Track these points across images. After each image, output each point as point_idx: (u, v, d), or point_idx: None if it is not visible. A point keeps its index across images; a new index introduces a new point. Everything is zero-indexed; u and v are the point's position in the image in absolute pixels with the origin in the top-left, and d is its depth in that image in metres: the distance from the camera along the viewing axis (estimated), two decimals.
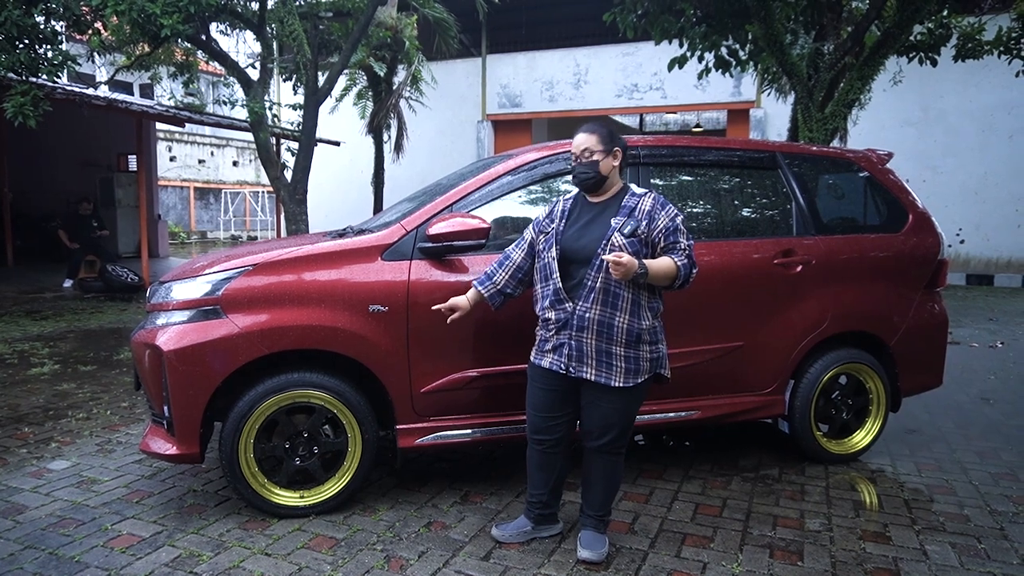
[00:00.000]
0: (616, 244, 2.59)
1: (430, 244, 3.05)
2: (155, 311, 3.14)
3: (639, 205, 2.68)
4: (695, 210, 3.66)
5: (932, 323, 3.98)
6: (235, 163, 26.04)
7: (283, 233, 14.82)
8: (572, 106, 15.28)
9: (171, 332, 2.94)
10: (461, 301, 2.90)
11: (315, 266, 3.03)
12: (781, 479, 3.60)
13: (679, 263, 2.62)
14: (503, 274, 2.85)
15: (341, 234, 3.44)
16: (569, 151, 3.45)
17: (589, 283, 2.62)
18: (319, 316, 2.98)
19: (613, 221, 2.66)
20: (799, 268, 3.62)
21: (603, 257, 2.53)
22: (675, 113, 19.59)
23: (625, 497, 3.33)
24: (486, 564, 2.69)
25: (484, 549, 2.80)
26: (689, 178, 3.69)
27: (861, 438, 3.84)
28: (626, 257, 2.46)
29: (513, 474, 3.56)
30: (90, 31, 8.32)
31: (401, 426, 3.13)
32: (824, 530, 3.02)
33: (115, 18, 7.55)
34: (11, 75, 7.61)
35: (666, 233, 2.64)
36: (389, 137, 14.17)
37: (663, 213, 2.66)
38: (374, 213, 14.09)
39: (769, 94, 11.23)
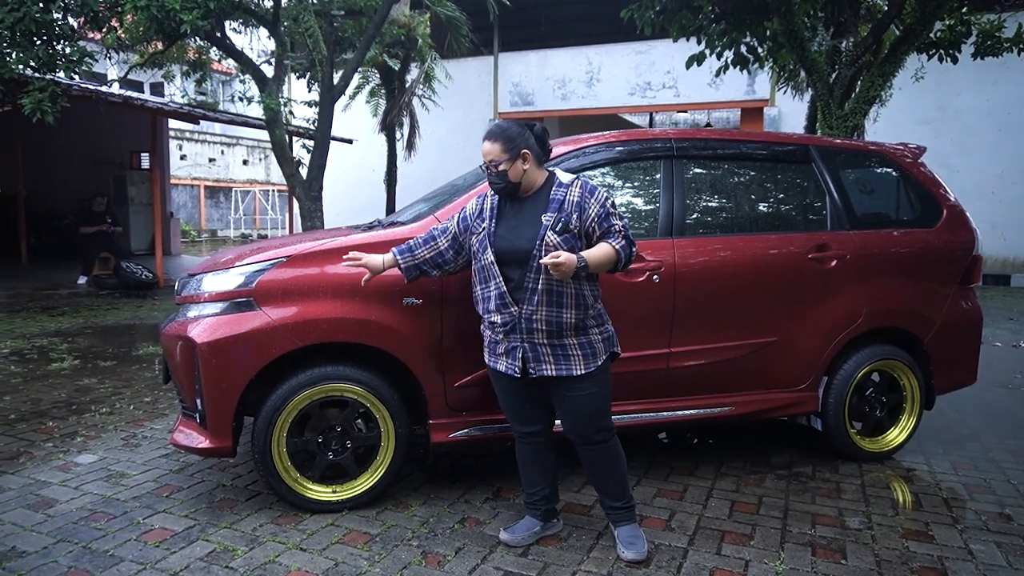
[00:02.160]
0: (551, 243, 2.51)
1: None
2: (186, 303, 3.11)
3: (567, 197, 2.58)
4: (729, 204, 3.62)
5: (966, 320, 3.92)
6: (245, 162, 26.09)
7: (296, 230, 14.82)
8: (584, 104, 15.24)
9: (204, 324, 2.91)
10: (375, 260, 2.79)
11: None
12: (815, 477, 3.54)
13: (617, 247, 2.54)
14: (425, 252, 2.77)
15: (370, 227, 3.40)
16: (596, 145, 3.44)
17: (531, 285, 2.55)
18: (353, 309, 2.94)
19: (544, 218, 2.56)
20: (833, 263, 3.57)
21: (541, 261, 2.44)
22: (685, 112, 19.52)
23: (659, 494, 3.29)
24: (524, 560, 2.65)
25: (521, 545, 2.76)
26: (723, 172, 3.64)
27: (895, 436, 3.79)
28: (563, 256, 2.39)
29: None
30: (106, 28, 8.32)
31: (434, 421, 3.09)
32: (865, 528, 2.97)
33: (132, 15, 7.54)
34: (29, 72, 7.62)
35: (599, 220, 2.56)
36: (401, 135, 14.15)
37: (592, 200, 2.57)
38: (386, 211, 14.08)
39: (785, 92, 11.16)
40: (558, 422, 2.78)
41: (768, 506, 3.19)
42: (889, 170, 3.97)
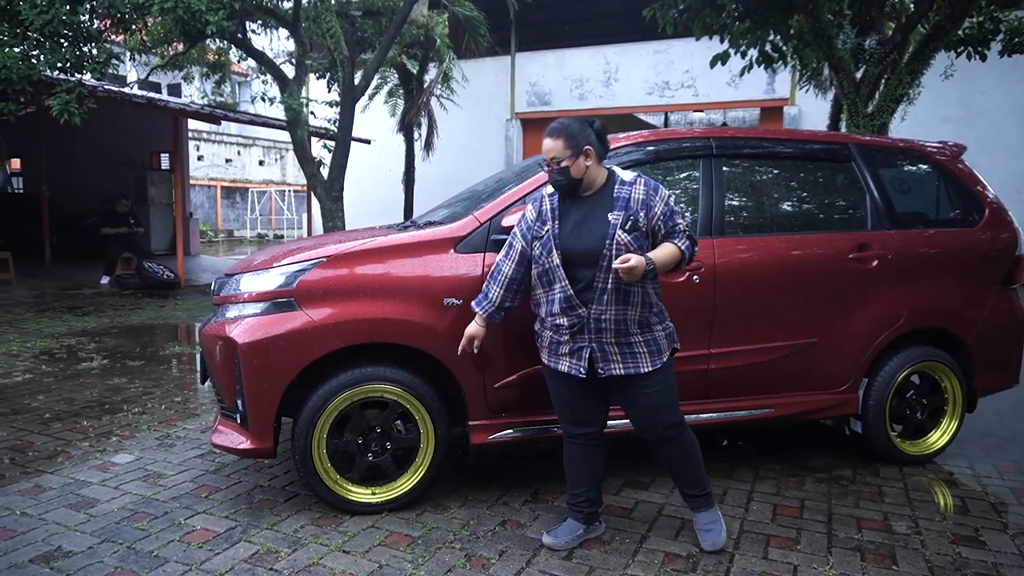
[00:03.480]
0: (622, 242, 2.50)
1: (505, 236, 2.98)
2: (225, 304, 3.10)
3: (632, 195, 2.57)
4: (769, 203, 3.57)
5: (1009, 320, 3.85)
6: (261, 162, 26.23)
7: (315, 231, 14.88)
8: (602, 104, 15.17)
9: (245, 324, 2.90)
10: (478, 330, 2.79)
11: (389, 258, 2.98)
12: (856, 480, 3.49)
13: (682, 246, 2.58)
14: (498, 290, 2.73)
15: (404, 228, 3.39)
16: (633, 144, 3.40)
17: (600, 285, 2.53)
18: (394, 309, 2.93)
19: (611, 217, 2.54)
20: (875, 263, 3.51)
21: (615, 266, 2.44)
22: (701, 111, 19.40)
23: None
24: (569, 564, 2.63)
25: (565, 549, 2.73)
26: (762, 171, 3.60)
27: (937, 438, 3.72)
28: (634, 259, 2.41)
29: None
30: (131, 30, 8.37)
31: (474, 422, 3.07)
32: (912, 533, 2.92)
33: (158, 16, 7.58)
34: (56, 74, 7.68)
35: (664, 219, 2.58)
36: (419, 135, 14.16)
37: (658, 198, 2.58)
38: (404, 211, 14.10)
39: (807, 91, 11.05)
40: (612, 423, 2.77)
41: (811, 510, 3.14)
42: (929, 168, 3.91)
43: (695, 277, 3.21)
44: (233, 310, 3.03)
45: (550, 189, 2.73)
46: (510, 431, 3.10)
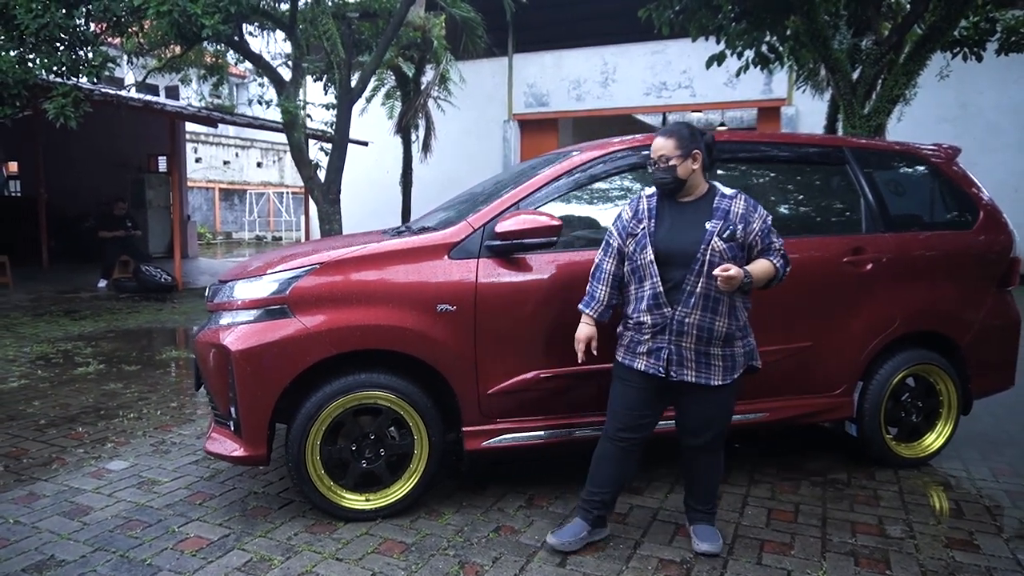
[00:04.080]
0: (717, 249, 2.56)
1: (499, 242, 2.99)
2: (219, 310, 3.10)
3: (732, 208, 2.64)
4: (763, 206, 3.56)
5: (1004, 323, 3.85)
6: (259, 164, 26.23)
7: (313, 234, 14.87)
8: (600, 105, 15.18)
9: (238, 332, 2.90)
10: (591, 331, 2.78)
11: (382, 264, 2.98)
12: (851, 484, 3.49)
13: (776, 264, 2.67)
14: (603, 288, 2.76)
15: (399, 233, 3.38)
16: (631, 148, 3.40)
17: (689, 288, 2.58)
18: (387, 315, 2.92)
19: (708, 225, 2.61)
20: (869, 266, 3.51)
21: (715, 273, 2.49)
22: (699, 112, 19.40)
23: None
24: (563, 571, 2.62)
25: (559, 555, 2.73)
26: (755, 174, 3.59)
27: (932, 441, 3.72)
28: (734, 270, 2.48)
29: (576, 477, 3.47)
30: (127, 33, 8.36)
31: (468, 428, 3.07)
32: (907, 537, 2.91)
33: (154, 20, 7.58)
34: (52, 77, 7.67)
35: (762, 235, 2.67)
36: (417, 137, 14.16)
37: (756, 216, 2.67)
38: (402, 213, 14.10)
39: (804, 91, 11.05)
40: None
41: (806, 514, 3.14)
42: (924, 171, 3.91)
43: None
44: (227, 317, 3.03)
45: (649, 190, 2.80)
46: (504, 437, 3.09)
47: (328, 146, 10.70)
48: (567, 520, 2.91)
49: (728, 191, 2.72)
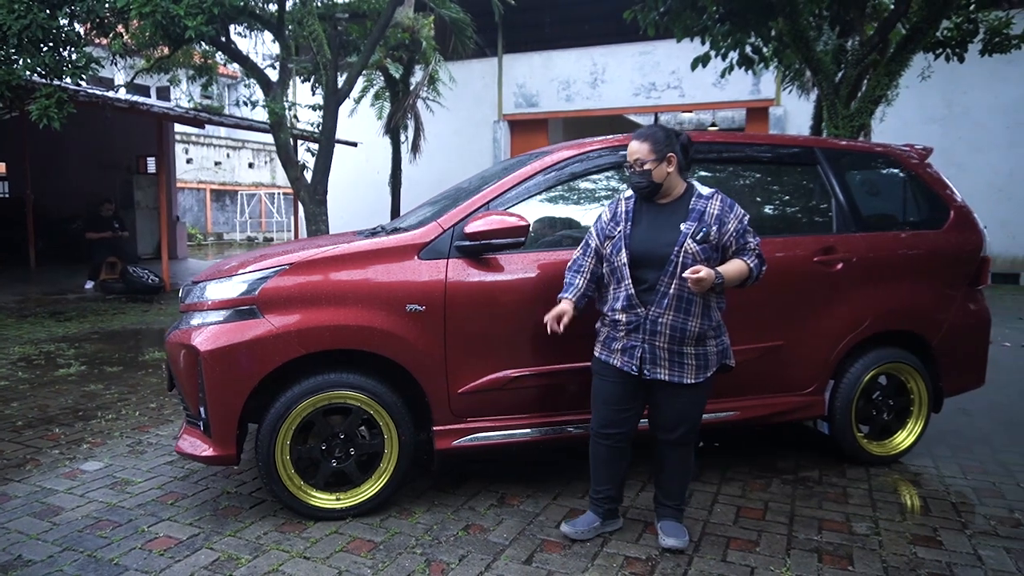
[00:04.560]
0: (690, 251, 2.59)
1: (468, 242, 3.01)
2: (190, 311, 3.11)
3: (708, 209, 2.67)
4: None
5: (974, 322, 3.88)
6: (251, 165, 26.18)
7: (302, 234, 14.86)
8: (589, 105, 15.21)
9: (207, 332, 2.91)
10: (569, 307, 2.76)
11: (351, 265, 3.00)
12: (822, 481, 3.52)
13: (751, 264, 2.69)
14: (581, 279, 2.80)
15: (373, 233, 3.40)
16: (607, 148, 3.42)
17: (663, 288, 2.62)
18: (356, 316, 2.94)
19: (683, 227, 2.64)
20: (839, 266, 3.54)
21: (684, 275, 2.53)
22: (690, 112, 19.46)
23: None
24: (528, 568, 2.64)
25: (525, 552, 2.75)
26: (726, 174, 3.62)
27: (903, 439, 3.76)
28: (704, 271, 2.50)
29: (550, 476, 3.51)
30: (112, 34, 8.35)
31: (438, 427, 3.08)
32: (872, 534, 2.94)
33: (138, 21, 7.57)
34: (36, 78, 7.66)
35: (736, 236, 2.69)
36: (406, 138, 14.17)
37: (732, 216, 2.68)
38: (391, 213, 14.10)
39: (790, 92, 11.11)
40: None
41: (774, 511, 3.17)
42: (895, 171, 3.94)
43: None
44: (197, 318, 3.04)
45: (628, 192, 2.84)
46: (474, 436, 3.11)
47: (315, 147, 10.69)
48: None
49: (705, 191, 2.74)
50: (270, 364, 2.87)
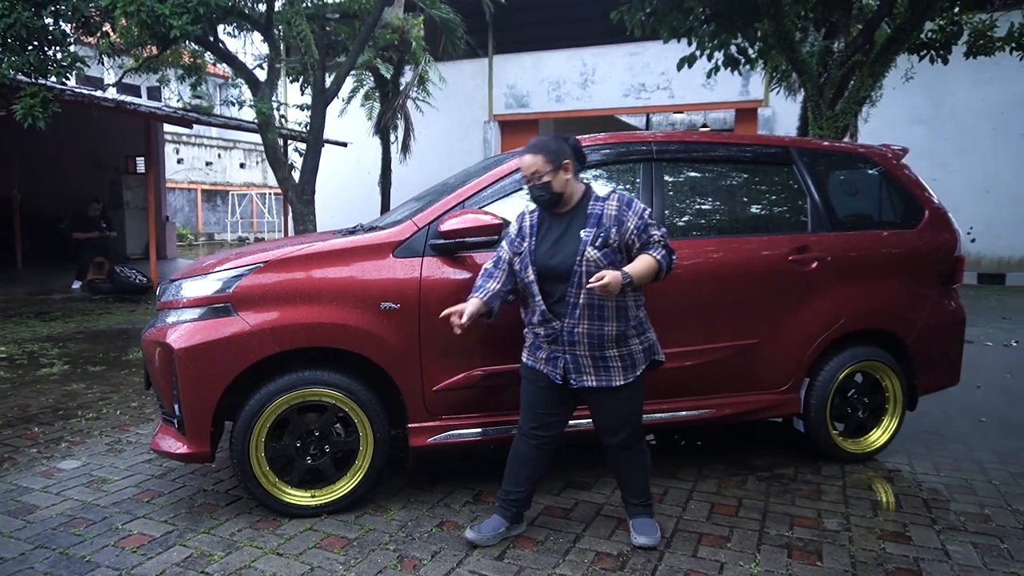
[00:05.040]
0: (591, 259, 2.57)
1: (442, 241, 3.03)
2: (165, 309, 3.12)
3: (605, 211, 2.64)
4: (710, 206, 3.63)
5: (949, 320, 3.92)
6: (242, 165, 26.11)
7: (291, 234, 14.83)
8: (579, 106, 15.24)
9: (182, 330, 2.92)
10: (479, 305, 2.72)
11: (326, 263, 3.01)
12: (797, 478, 3.55)
13: (658, 257, 2.64)
14: (494, 283, 2.77)
15: (351, 232, 3.41)
16: (589, 145, 3.44)
17: (572, 300, 2.62)
18: (330, 314, 2.95)
19: (583, 234, 2.62)
20: (814, 264, 3.57)
21: (589, 284, 2.52)
22: (682, 113, 19.52)
23: None
24: (500, 564, 2.66)
25: (498, 549, 2.76)
26: (702, 174, 3.65)
27: (878, 437, 3.79)
28: (608, 276, 2.48)
29: None
30: (99, 33, 8.33)
31: (413, 425, 3.10)
32: (842, 530, 2.97)
33: (124, 20, 7.56)
34: (20, 77, 7.63)
35: (638, 232, 2.64)
36: (396, 138, 14.16)
37: (631, 213, 2.64)
38: (381, 213, 14.09)
39: (778, 92, 11.17)
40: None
41: (748, 508, 3.19)
42: (871, 171, 3.97)
43: None
44: (172, 315, 3.04)
45: (531, 206, 2.81)
46: (449, 433, 3.13)
47: (303, 147, 10.69)
48: (485, 516, 2.94)
49: (602, 193, 2.71)
50: (244, 362, 2.88)
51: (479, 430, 3.14)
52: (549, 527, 2.96)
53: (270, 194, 25.21)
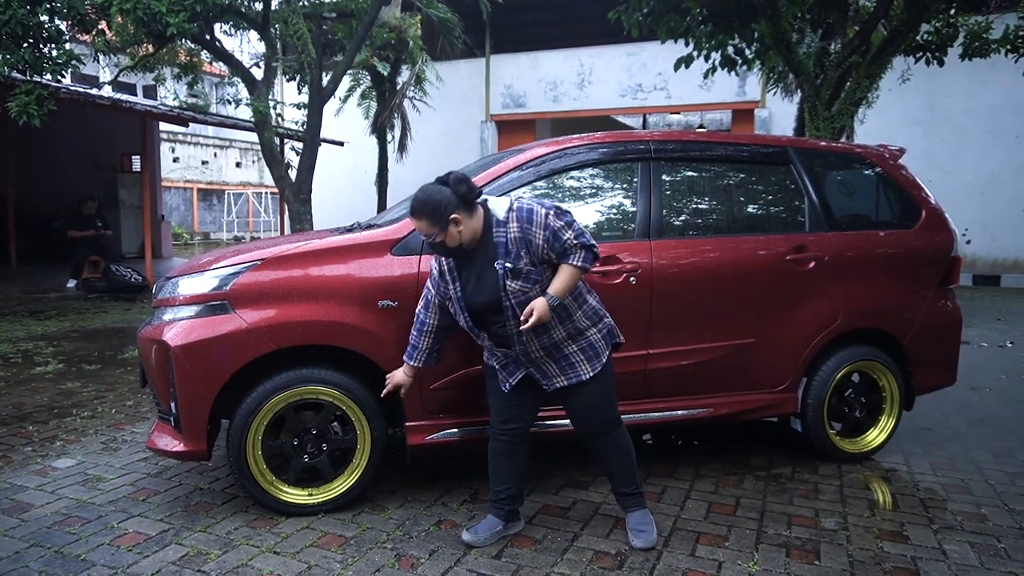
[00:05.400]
0: (513, 291, 2.55)
1: None
2: (162, 307, 3.10)
3: (508, 236, 2.55)
4: (707, 206, 3.62)
5: (946, 320, 3.92)
6: (238, 164, 26.05)
7: (287, 233, 14.80)
8: (576, 106, 15.25)
9: (178, 327, 2.91)
10: (404, 380, 2.87)
11: (324, 261, 3.00)
12: (794, 478, 3.55)
13: (578, 264, 2.56)
14: (424, 339, 2.80)
15: (349, 230, 3.39)
16: (578, 146, 3.44)
17: (513, 329, 2.62)
18: (328, 311, 2.94)
19: (497, 266, 2.56)
20: (811, 264, 3.57)
21: (521, 328, 2.54)
22: (678, 113, 19.55)
23: None
24: (498, 563, 2.65)
25: (496, 548, 2.76)
26: (699, 174, 3.65)
27: (875, 436, 3.79)
28: (536, 310, 2.49)
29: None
30: (95, 31, 8.30)
31: (411, 423, 3.09)
32: (840, 529, 2.97)
33: (120, 17, 7.53)
34: (15, 74, 7.59)
35: (550, 244, 2.54)
36: (393, 137, 14.15)
37: (534, 229, 2.52)
38: (377, 213, 14.07)
39: (775, 93, 11.19)
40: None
41: (745, 507, 3.19)
42: (868, 172, 3.98)
43: (632, 279, 3.25)
44: (169, 313, 3.03)
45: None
46: (447, 432, 3.12)
47: (300, 146, 10.66)
48: (482, 516, 2.93)
49: (501, 213, 2.58)
50: (241, 359, 2.87)
51: (479, 428, 3.13)
52: (547, 526, 2.96)
53: (266, 193, 25.17)
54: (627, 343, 3.25)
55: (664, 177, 3.50)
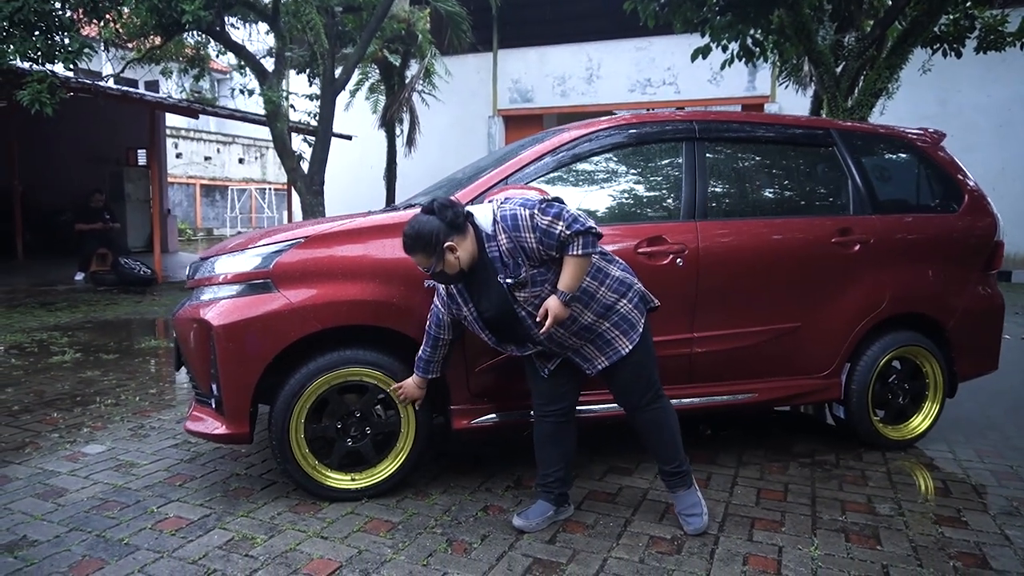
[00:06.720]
0: (523, 300, 2.50)
1: None
2: (200, 286, 3.03)
3: (500, 249, 2.46)
4: (752, 187, 3.56)
5: (988, 306, 3.87)
6: (241, 160, 25.94)
7: None
8: (584, 101, 15.19)
9: (220, 307, 2.83)
10: (417, 392, 2.84)
11: (368, 238, 2.93)
12: (839, 465, 3.48)
13: (580, 254, 2.41)
14: (440, 352, 2.77)
15: (387, 211, 3.33)
16: (624, 124, 3.37)
17: (535, 331, 2.55)
18: (373, 291, 2.87)
19: (500, 280, 2.49)
20: (857, 247, 3.50)
21: (541, 333, 2.49)
22: (684, 108, 19.50)
23: None
24: (553, 548, 2.58)
25: (548, 532, 2.69)
26: (743, 155, 3.58)
27: (919, 423, 3.73)
28: (550, 312, 2.44)
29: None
30: (105, 19, 8.20)
31: (455, 407, 3.02)
32: (896, 515, 2.91)
33: (133, 6, 7.44)
34: (26, 64, 7.50)
35: (544, 243, 2.40)
36: (401, 131, 14.07)
37: (523, 233, 2.41)
38: (386, 207, 13.98)
39: (787, 87, 11.11)
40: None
41: (795, 493, 3.13)
42: (910, 155, 3.92)
43: (678, 260, 3.18)
44: (208, 292, 2.95)
45: None
46: (492, 416, 3.05)
47: (311, 138, 10.59)
48: (529, 501, 2.86)
49: (488, 226, 2.47)
50: (285, 340, 2.79)
51: (525, 412, 3.06)
52: (597, 511, 2.89)
53: (269, 189, 25.08)
54: (672, 326, 3.20)
55: (709, 158, 3.43)
